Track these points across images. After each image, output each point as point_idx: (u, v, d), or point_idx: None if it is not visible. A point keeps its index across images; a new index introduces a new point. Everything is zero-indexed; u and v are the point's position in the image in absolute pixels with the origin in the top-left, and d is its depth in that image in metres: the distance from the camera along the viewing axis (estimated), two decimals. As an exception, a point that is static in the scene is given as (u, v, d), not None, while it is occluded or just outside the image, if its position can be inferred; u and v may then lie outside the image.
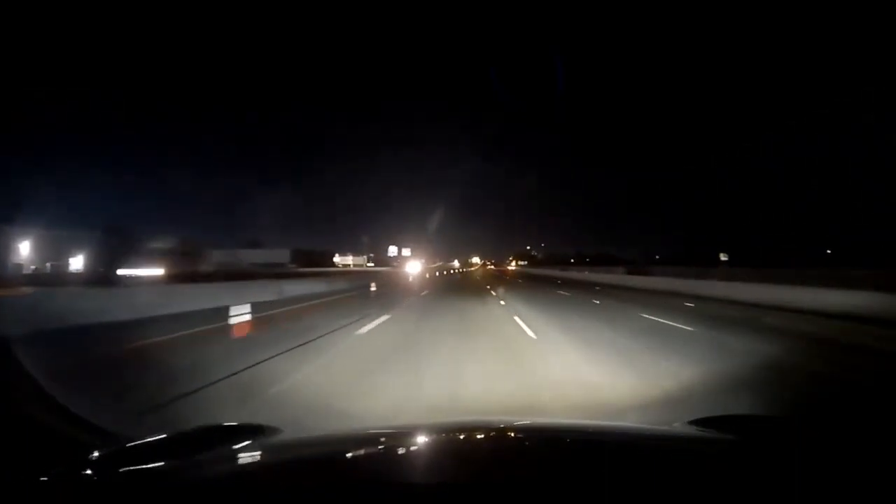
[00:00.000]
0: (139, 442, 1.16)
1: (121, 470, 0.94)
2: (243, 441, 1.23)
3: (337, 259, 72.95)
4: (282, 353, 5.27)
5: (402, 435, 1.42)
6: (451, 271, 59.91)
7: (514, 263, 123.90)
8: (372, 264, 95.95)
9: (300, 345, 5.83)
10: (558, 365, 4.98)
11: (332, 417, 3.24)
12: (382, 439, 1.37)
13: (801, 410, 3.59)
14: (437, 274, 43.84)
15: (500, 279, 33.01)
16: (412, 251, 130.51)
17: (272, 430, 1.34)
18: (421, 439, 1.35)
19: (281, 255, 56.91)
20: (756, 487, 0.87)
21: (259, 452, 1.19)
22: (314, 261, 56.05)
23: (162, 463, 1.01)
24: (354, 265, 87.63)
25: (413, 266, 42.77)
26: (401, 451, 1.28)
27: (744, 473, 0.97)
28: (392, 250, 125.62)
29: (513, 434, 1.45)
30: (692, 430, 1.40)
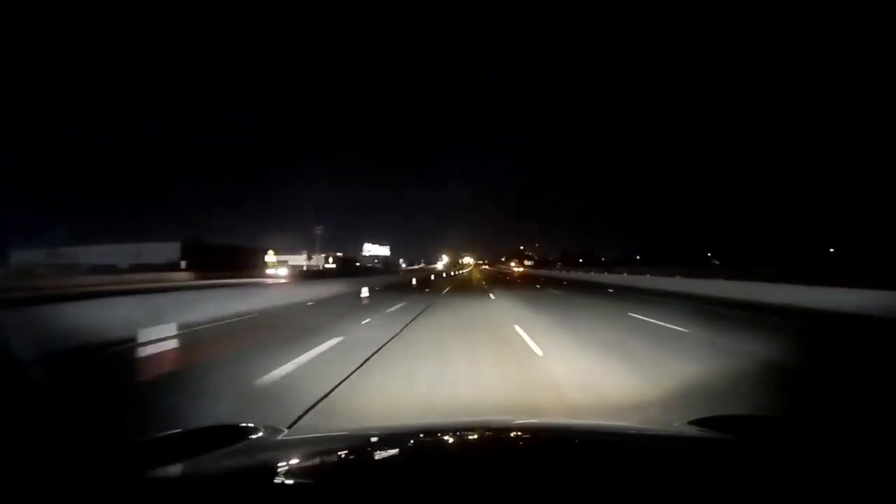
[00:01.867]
0: (139, 442, 1.18)
1: (121, 470, 0.95)
2: (243, 441, 1.22)
3: (273, 258, 52.09)
4: None
5: (402, 435, 1.41)
6: (434, 276, 41.30)
7: (515, 263, 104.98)
8: (334, 265, 76.91)
9: None
10: None
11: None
12: (382, 439, 1.36)
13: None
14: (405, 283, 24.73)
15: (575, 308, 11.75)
16: (391, 249, 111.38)
17: (272, 430, 1.34)
18: (421, 439, 1.35)
19: (163, 252, 34.52)
20: (756, 487, 0.86)
21: (259, 452, 1.18)
22: (229, 261, 35.24)
23: (162, 463, 0.99)
24: (308, 267, 68.58)
25: (278, 274, 23.49)
26: (401, 451, 1.27)
27: (744, 473, 0.97)
28: (368, 248, 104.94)
29: (513, 434, 1.45)
30: (692, 430, 1.36)
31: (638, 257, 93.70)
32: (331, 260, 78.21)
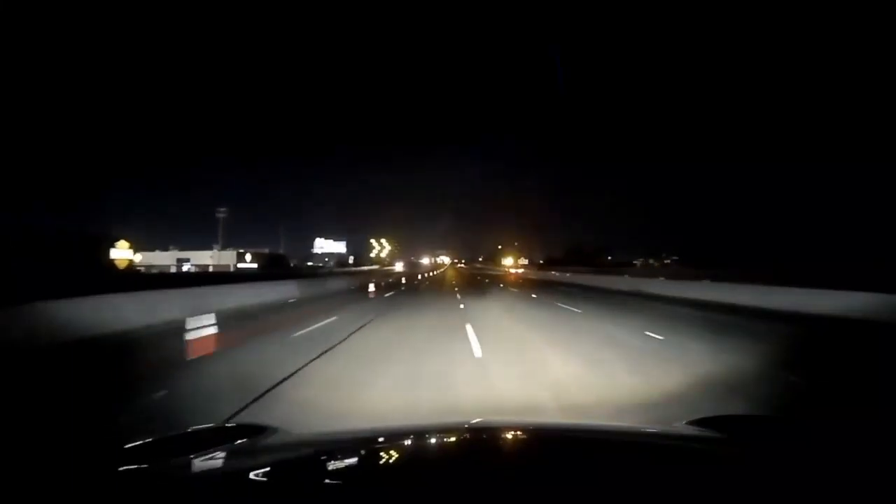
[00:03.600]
0: (138, 442, 1.19)
1: (120, 470, 0.96)
2: (243, 441, 1.24)
3: (126, 252, 36.64)
4: None
5: (401, 435, 1.42)
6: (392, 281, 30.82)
7: (507, 262, 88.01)
8: (254, 265, 63.63)
9: None
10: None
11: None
12: (381, 439, 1.37)
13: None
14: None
15: None
16: (347, 246, 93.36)
17: (272, 431, 1.36)
18: (420, 440, 1.36)
19: None
20: (756, 487, 0.86)
21: (259, 452, 1.19)
22: (48, 254, 22.20)
23: (162, 463, 1.01)
24: (215, 267, 55.55)
25: None
26: (400, 451, 1.27)
27: (744, 473, 0.97)
28: (320, 244, 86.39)
29: (512, 434, 1.46)
30: (692, 430, 1.37)
31: (664, 255, 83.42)
32: (248, 258, 64.68)
